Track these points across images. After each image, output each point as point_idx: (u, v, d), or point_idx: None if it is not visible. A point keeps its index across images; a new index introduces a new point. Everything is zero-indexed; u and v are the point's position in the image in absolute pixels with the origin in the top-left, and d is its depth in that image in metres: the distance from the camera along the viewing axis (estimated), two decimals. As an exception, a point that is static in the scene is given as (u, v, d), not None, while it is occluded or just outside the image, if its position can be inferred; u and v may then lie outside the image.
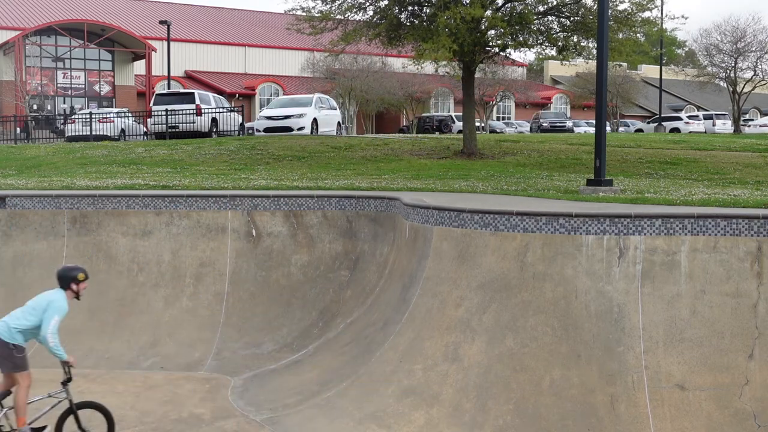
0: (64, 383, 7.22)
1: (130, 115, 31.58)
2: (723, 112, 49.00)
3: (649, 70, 66.07)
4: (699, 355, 7.72)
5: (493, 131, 43.67)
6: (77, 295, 7.27)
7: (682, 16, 30.04)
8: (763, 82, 44.19)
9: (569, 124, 46.85)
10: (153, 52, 45.96)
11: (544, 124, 46.64)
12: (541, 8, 18.64)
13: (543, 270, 8.34)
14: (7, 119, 33.63)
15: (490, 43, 19.12)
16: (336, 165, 17.73)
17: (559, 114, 52.12)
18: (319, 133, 27.03)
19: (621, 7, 18.70)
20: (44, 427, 7.19)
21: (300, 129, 26.36)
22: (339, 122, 30.92)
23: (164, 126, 27.06)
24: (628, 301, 7.99)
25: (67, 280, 7.24)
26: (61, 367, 7.23)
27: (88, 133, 27.73)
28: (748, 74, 44.31)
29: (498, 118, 55.86)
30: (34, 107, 43.16)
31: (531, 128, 48.07)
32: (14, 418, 7.01)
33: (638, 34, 19.60)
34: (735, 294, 7.83)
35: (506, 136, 30.36)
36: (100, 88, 47.25)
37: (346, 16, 19.28)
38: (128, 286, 11.16)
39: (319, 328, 10.53)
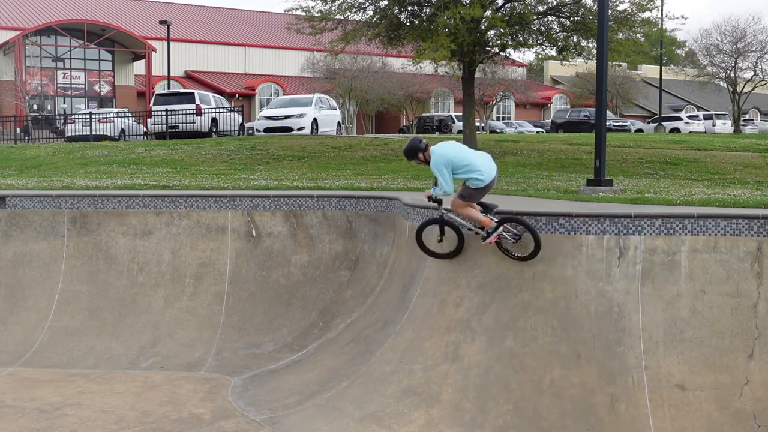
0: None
1: (130, 115, 31.58)
2: (723, 112, 48.98)
3: (649, 70, 66.07)
4: (699, 355, 7.73)
5: (493, 131, 43.60)
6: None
7: (682, 17, 30.14)
8: (763, 82, 44.24)
9: (628, 123, 44.12)
10: (153, 52, 45.99)
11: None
12: (540, 8, 18.66)
13: (543, 270, 8.35)
14: (7, 119, 33.64)
15: (490, 43, 19.13)
16: (336, 165, 17.73)
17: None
18: (319, 133, 27.04)
19: (621, 7, 18.73)
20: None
21: (300, 129, 26.36)
22: (339, 122, 30.93)
23: (164, 126, 27.07)
24: (628, 301, 7.99)
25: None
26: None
27: (88, 133, 27.75)
28: (748, 74, 44.35)
29: (498, 118, 55.84)
30: (34, 107, 43.18)
31: (551, 127, 44.79)
32: None
33: (638, 35, 19.59)
34: (735, 294, 7.84)
35: (506, 136, 30.37)
36: (100, 88, 47.26)
37: (346, 16, 19.30)
38: (128, 286, 11.17)
39: (319, 328, 10.54)
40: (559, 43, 18.82)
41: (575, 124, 42.20)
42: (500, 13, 18.03)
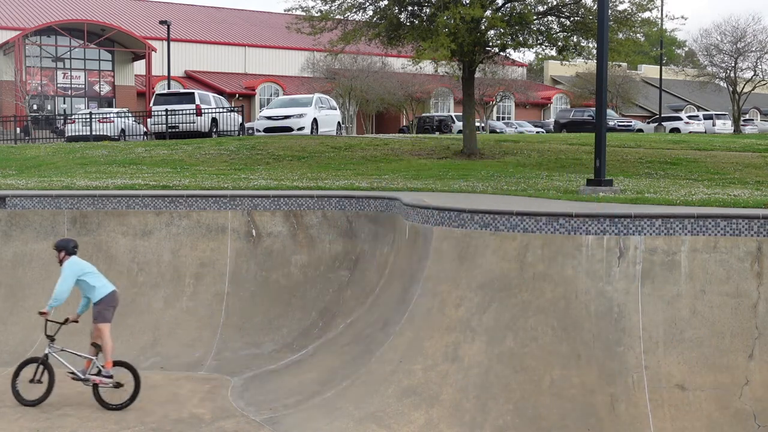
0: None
1: (130, 115, 31.57)
2: (723, 112, 48.91)
3: (649, 70, 66.05)
4: (699, 355, 7.73)
5: (493, 131, 43.57)
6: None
7: (682, 17, 29.82)
8: (763, 82, 44.19)
9: (633, 123, 43.76)
10: (153, 52, 45.96)
11: (609, 123, 43.99)
12: (541, 8, 18.64)
13: (543, 270, 8.35)
14: (7, 119, 33.62)
15: (490, 43, 19.13)
16: (336, 165, 17.73)
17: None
18: (319, 133, 27.02)
19: (621, 7, 18.71)
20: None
21: (300, 129, 26.34)
22: (339, 122, 30.90)
23: (164, 126, 27.06)
24: (628, 301, 8.00)
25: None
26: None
27: (88, 133, 27.73)
28: (748, 74, 44.31)
29: (498, 118, 55.81)
30: (34, 107, 43.17)
31: (555, 126, 44.50)
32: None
33: (638, 35, 19.57)
34: (735, 294, 7.84)
35: (506, 136, 30.33)
36: (100, 88, 47.25)
37: (346, 16, 19.28)
38: (128, 286, 11.16)
39: (319, 328, 10.54)
40: (559, 43, 18.81)
41: (579, 124, 41.69)
42: (500, 13, 18.02)
